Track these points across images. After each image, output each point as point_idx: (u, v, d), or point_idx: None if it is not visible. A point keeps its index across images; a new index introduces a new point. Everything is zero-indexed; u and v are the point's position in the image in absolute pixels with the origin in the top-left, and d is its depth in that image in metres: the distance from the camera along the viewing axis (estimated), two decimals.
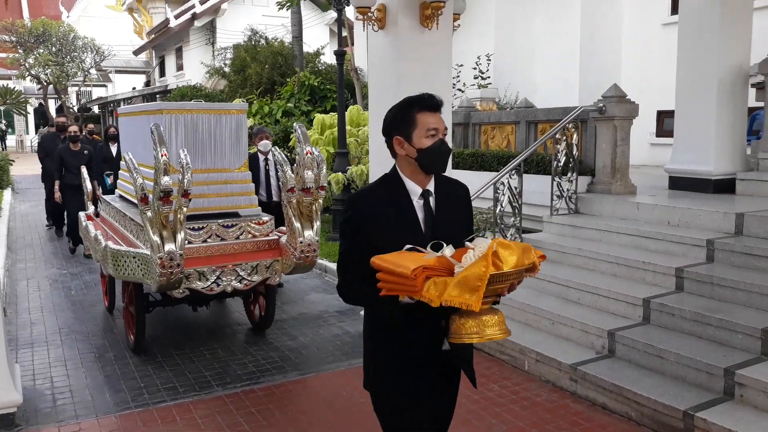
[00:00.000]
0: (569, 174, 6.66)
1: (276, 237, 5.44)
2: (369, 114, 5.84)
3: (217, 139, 5.42)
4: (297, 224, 4.97)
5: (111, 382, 4.93)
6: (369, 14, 5.56)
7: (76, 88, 33.39)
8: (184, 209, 4.53)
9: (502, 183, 6.28)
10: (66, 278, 8.26)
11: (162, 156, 4.35)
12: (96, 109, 33.52)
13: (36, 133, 11.36)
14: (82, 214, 7.16)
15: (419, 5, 5.45)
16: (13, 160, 19.01)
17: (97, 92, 37.19)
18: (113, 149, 10.28)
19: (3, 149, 24.37)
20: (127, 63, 34.82)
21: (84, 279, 8.11)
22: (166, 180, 4.31)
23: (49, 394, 4.72)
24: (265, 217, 5.52)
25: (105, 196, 6.82)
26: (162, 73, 32.47)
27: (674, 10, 10.65)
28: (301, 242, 4.96)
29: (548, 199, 6.65)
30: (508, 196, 6.33)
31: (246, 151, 5.63)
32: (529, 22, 13.35)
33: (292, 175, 4.90)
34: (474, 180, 7.55)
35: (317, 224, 5.04)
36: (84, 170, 7.69)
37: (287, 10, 16.73)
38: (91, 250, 6.36)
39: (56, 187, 9.45)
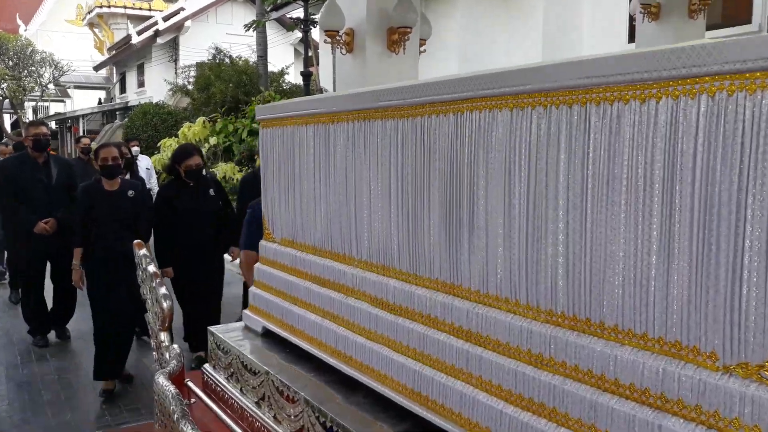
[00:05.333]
0: None
1: None
2: None
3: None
4: None
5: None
6: (337, 38, 5.61)
7: (33, 103, 32.74)
8: None
9: None
10: None
11: None
12: (53, 125, 32.90)
13: None
14: (165, 382, 2.02)
15: (386, 30, 5.53)
16: None
17: (55, 107, 36.50)
18: None
19: None
20: (86, 79, 34.32)
21: None
22: None
23: None
24: None
25: (224, 336, 3.01)
26: (123, 90, 32.07)
27: (631, 38, 11.01)
28: None
29: None
30: None
31: None
32: (490, 50, 13.64)
33: None
34: None
35: None
36: (139, 250, 2.92)
37: (253, 31, 16.79)
38: None
39: (76, 260, 5.12)
